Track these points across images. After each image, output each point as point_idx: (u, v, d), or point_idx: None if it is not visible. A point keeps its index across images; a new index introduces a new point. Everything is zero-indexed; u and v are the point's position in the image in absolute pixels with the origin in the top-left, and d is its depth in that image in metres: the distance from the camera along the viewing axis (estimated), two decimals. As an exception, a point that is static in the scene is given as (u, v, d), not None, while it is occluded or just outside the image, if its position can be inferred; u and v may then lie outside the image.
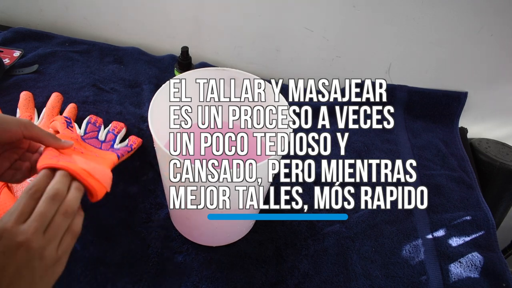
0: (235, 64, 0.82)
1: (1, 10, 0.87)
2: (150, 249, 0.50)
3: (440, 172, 0.66)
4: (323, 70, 0.78)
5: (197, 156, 0.50)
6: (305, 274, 0.50)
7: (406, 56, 0.72)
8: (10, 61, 0.72)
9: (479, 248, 0.55)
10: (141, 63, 0.78)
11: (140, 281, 0.47)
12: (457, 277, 0.52)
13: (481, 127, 0.79)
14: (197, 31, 0.79)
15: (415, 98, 0.75)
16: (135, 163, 0.59)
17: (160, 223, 0.52)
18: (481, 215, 0.59)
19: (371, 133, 0.71)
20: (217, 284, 0.48)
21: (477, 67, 0.71)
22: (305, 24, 0.72)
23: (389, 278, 0.51)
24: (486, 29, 0.65)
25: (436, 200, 0.61)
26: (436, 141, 0.71)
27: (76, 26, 0.85)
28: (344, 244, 0.54)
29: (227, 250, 0.51)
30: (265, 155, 0.50)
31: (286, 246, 0.53)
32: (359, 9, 0.67)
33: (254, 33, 0.76)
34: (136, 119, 0.66)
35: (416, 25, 0.67)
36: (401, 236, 0.56)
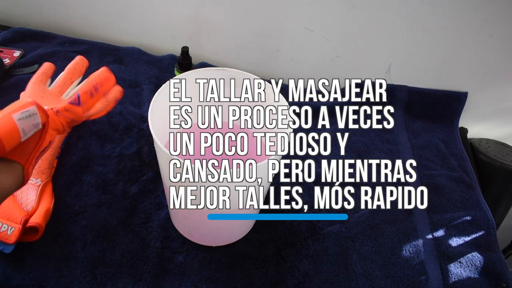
0: (235, 64, 0.82)
1: (1, 10, 0.87)
2: (150, 249, 0.50)
3: (440, 172, 0.66)
4: (323, 70, 0.78)
5: (197, 156, 0.50)
6: (305, 274, 0.50)
7: (406, 56, 0.73)
8: (10, 61, 0.72)
9: (479, 248, 0.55)
10: (141, 63, 0.78)
11: (140, 281, 0.47)
12: (457, 277, 0.52)
13: (481, 127, 0.79)
14: (197, 31, 0.79)
15: (415, 98, 0.75)
16: (135, 163, 0.59)
17: (160, 223, 0.52)
18: (481, 215, 0.59)
19: (371, 133, 0.71)
20: (217, 284, 0.48)
21: (477, 67, 0.71)
22: (305, 24, 0.72)
23: (389, 278, 0.51)
24: (486, 29, 0.65)
25: (436, 200, 0.61)
26: (436, 141, 0.71)
27: (76, 26, 0.85)
28: (344, 244, 0.54)
29: (227, 250, 0.51)
30: (265, 155, 0.50)
31: (286, 246, 0.53)
32: (359, 9, 0.67)
33: (254, 33, 0.76)
34: (136, 119, 0.66)
35: (416, 25, 0.67)
36: (401, 236, 0.56)
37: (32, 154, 0.38)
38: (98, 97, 0.47)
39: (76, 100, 0.44)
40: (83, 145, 0.60)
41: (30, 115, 0.36)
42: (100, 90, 0.47)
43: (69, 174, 0.56)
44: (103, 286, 0.46)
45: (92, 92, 0.46)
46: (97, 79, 0.47)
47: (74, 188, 0.54)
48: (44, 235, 0.47)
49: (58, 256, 0.47)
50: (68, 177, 0.56)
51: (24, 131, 0.35)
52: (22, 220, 0.46)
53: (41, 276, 0.45)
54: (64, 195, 0.53)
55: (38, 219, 0.47)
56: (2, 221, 0.46)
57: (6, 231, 0.45)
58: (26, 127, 0.36)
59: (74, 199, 0.53)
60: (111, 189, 0.55)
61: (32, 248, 0.47)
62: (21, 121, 0.35)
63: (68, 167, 0.57)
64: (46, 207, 0.49)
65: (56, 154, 0.56)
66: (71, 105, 0.44)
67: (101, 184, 0.55)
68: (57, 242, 0.49)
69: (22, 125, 0.35)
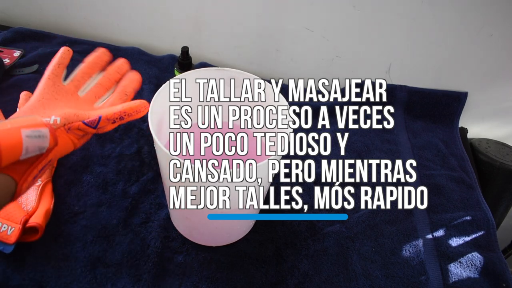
0: (235, 64, 0.82)
1: (1, 10, 0.87)
2: (150, 249, 0.50)
3: (440, 172, 0.66)
4: (323, 70, 0.78)
5: (197, 156, 0.50)
6: (305, 274, 0.50)
7: (406, 56, 0.73)
8: (10, 61, 0.72)
9: (479, 248, 0.55)
10: (141, 63, 0.78)
11: (140, 281, 0.47)
12: (457, 277, 0.52)
13: (481, 127, 0.79)
14: (197, 31, 0.79)
15: (415, 98, 0.75)
16: (135, 163, 0.59)
17: (160, 223, 0.52)
18: (481, 215, 0.59)
19: (371, 133, 0.71)
20: (217, 284, 0.48)
21: (477, 67, 0.71)
22: (305, 24, 0.72)
23: (389, 278, 0.51)
24: (486, 29, 0.65)
25: (436, 200, 0.61)
26: (436, 141, 0.71)
27: (76, 26, 0.85)
28: (344, 244, 0.54)
29: (227, 250, 0.51)
30: (265, 155, 0.50)
31: (286, 246, 0.53)
32: (359, 9, 0.67)
33: (254, 33, 0.76)
34: (136, 119, 0.66)
35: (416, 25, 0.67)
36: (401, 236, 0.56)
37: (28, 171, 0.34)
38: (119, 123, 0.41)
39: (94, 123, 0.39)
40: (83, 145, 0.60)
41: (39, 136, 0.33)
42: (125, 119, 0.41)
43: (69, 174, 0.56)
44: (103, 286, 0.46)
45: (115, 120, 0.40)
46: (128, 109, 0.41)
47: (74, 188, 0.55)
48: (44, 235, 0.47)
49: (58, 256, 0.47)
50: (68, 177, 0.56)
51: (28, 150, 0.32)
52: (22, 220, 0.46)
53: (41, 276, 0.45)
54: (64, 195, 0.53)
55: (38, 219, 0.47)
56: (2, 221, 0.46)
57: (6, 231, 0.45)
58: (31, 146, 0.32)
59: (74, 199, 0.53)
60: (111, 189, 0.55)
61: (32, 248, 0.47)
62: (28, 139, 0.32)
63: (68, 167, 0.57)
64: (46, 207, 0.49)
65: (56, 154, 0.56)
66: (85, 126, 0.39)
67: (101, 184, 0.55)
68: (57, 242, 0.49)
69: (28, 143, 0.32)
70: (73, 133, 0.39)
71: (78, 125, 0.39)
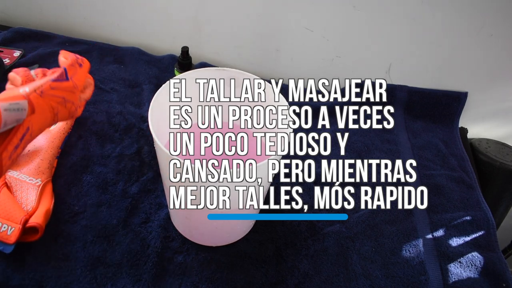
0: (235, 64, 0.82)
1: (1, 10, 0.87)
2: (150, 249, 0.50)
3: (440, 172, 0.66)
4: (323, 70, 0.78)
5: (197, 156, 0.50)
6: (305, 274, 0.50)
7: (406, 56, 0.73)
8: (10, 61, 0.72)
9: (479, 248, 0.55)
10: (141, 63, 0.78)
11: (140, 281, 0.47)
12: (457, 277, 0.52)
13: (481, 127, 0.79)
14: (197, 31, 0.79)
15: (415, 98, 0.75)
16: (135, 163, 0.59)
17: (160, 223, 0.52)
18: (481, 215, 0.59)
19: (371, 133, 0.71)
20: (217, 284, 0.48)
21: (477, 67, 0.71)
22: (305, 24, 0.72)
23: (389, 278, 0.51)
24: (486, 29, 0.65)
25: (436, 200, 0.61)
26: (436, 141, 0.71)
27: (76, 26, 0.85)
28: (344, 244, 0.54)
29: (227, 250, 0.51)
30: (265, 155, 0.50)
31: (286, 246, 0.53)
32: (359, 9, 0.67)
33: (254, 33, 0.76)
34: (136, 119, 0.66)
35: (416, 25, 0.67)
36: (401, 236, 0.56)
37: (6, 140, 0.34)
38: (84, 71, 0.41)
39: (63, 76, 0.39)
40: (83, 145, 0.60)
41: (18, 109, 0.33)
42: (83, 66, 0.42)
43: (69, 174, 0.56)
44: (103, 286, 0.46)
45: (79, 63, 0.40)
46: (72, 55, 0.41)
47: (74, 188, 0.55)
48: (44, 235, 0.47)
49: (58, 256, 0.47)
50: (68, 177, 0.56)
51: (6, 123, 0.32)
52: (22, 220, 0.46)
53: (41, 276, 0.45)
54: (64, 195, 0.53)
55: (38, 219, 0.47)
56: (2, 221, 0.46)
57: (6, 231, 0.45)
58: (9, 119, 0.32)
59: (74, 199, 0.53)
60: (111, 189, 0.55)
61: (32, 248, 0.47)
62: (7, 112, 0.32)
63: (68, 167, 0.57)
64: (46, 207, 0.49)
65: (56, 154, 0.56)
66: (58, 82, 0.38)
67: (101, 184, 0.55)
68: (57, 242, 0.49)
69: (6, 117, 0.32)
70: (49, 97, 0.38)
71: (49, 84, 0.38)
